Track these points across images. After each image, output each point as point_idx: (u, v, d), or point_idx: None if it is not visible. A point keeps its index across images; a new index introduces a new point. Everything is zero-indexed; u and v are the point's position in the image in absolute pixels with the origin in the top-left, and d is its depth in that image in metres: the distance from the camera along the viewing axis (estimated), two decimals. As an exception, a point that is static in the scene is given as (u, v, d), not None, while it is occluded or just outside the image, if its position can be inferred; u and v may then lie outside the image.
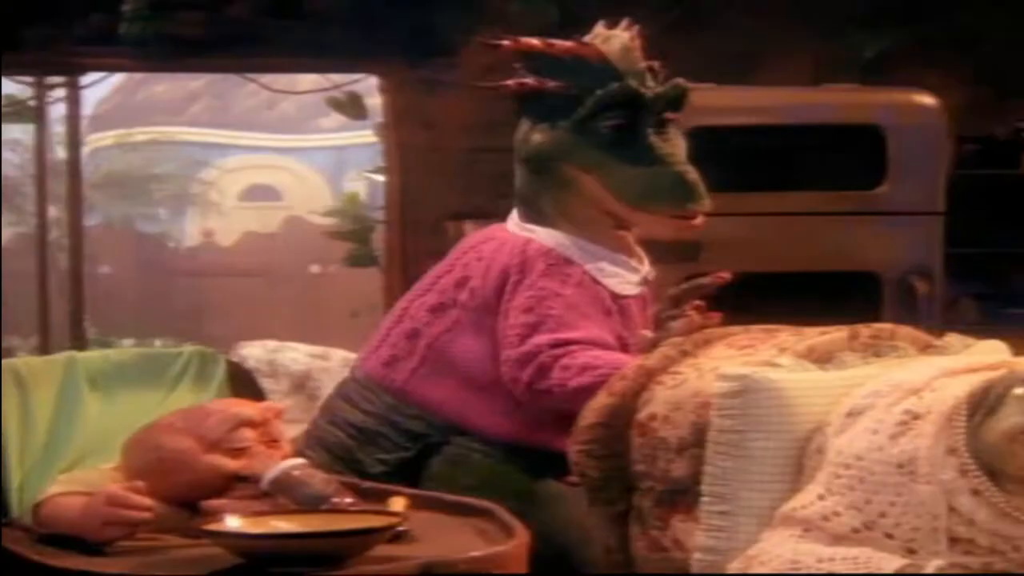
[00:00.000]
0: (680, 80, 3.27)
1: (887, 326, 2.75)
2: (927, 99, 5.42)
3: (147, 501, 2.51)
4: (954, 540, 2.26)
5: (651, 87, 3.21)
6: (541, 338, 3.03)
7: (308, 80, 8.32)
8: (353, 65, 6.67)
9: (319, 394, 5.07)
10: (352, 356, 3.88)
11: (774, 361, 2.60)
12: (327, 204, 9.59)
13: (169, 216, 13.14)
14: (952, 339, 2.74)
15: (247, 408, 2.75)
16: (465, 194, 6.02)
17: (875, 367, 2.59)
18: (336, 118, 8.74)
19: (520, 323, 3.07)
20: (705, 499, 2.52)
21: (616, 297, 3.18)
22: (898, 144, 5.33)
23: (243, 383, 3.09)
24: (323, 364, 5.79)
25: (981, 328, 2.93)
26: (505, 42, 3.23)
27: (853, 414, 2.42)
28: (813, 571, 2.27)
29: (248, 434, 2.67)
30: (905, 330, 2.75)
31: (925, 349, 2.71)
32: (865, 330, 2.70)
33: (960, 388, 2.34)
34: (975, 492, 2.26)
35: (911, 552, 2.26)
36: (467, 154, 5.98)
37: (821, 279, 5.15)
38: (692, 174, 3.24)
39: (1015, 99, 6.28)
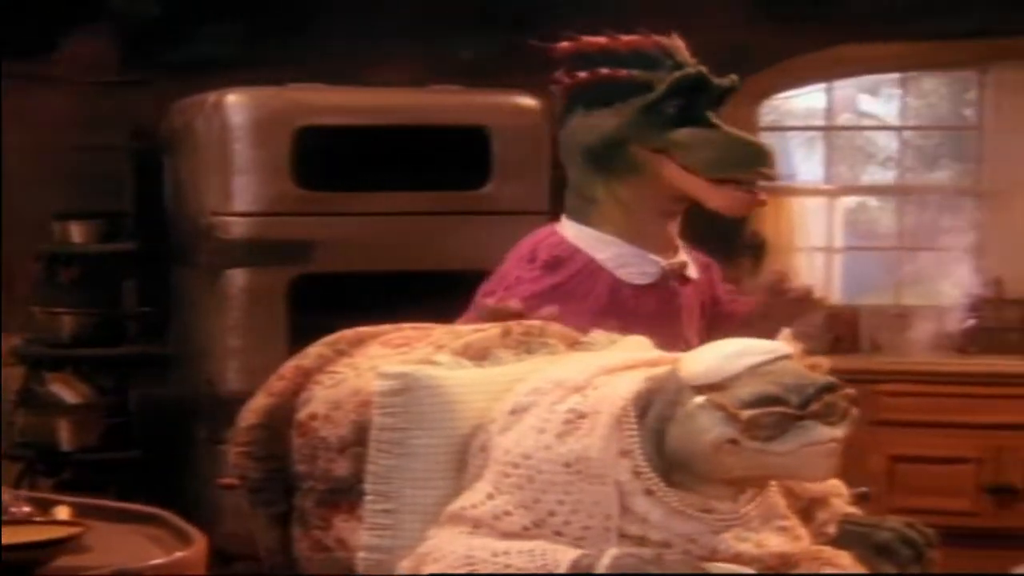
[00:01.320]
0: (735, 76, 3.39)
1: (537, 323, 2.80)
2: (529, 101, 5.53)
3: None
4: (624, 535, 2.33)
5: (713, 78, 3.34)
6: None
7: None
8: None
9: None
10: None
11: (432, 359, 2.62)
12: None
13: None
14: (597, 335, 2.82)
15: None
16: (69, 193, 5.82)
17: (529, 363, 2.64)
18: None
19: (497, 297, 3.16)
20: (368, 498, 2.51)
21: (624, 286, 3.24)
22: (502, 145, 5.42)
23: None
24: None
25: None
26: (566, 43, 3.34)
27: (516, 411, 2.45)
28: (489, 565, 2.29)
29: None
30: (554, 327, 2.81)
31: (573, 345, 2.77)
32: (517, 327, 2.75)
33: (624, 388, 2.40)
34: (648, 492, 2.33)
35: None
36: (71, 153, 5.78)
37: (431, 278, 5.19)
38: (760, 141, 3.39)
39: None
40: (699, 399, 2.29)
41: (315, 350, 2.74)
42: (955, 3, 6.53)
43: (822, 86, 7.18)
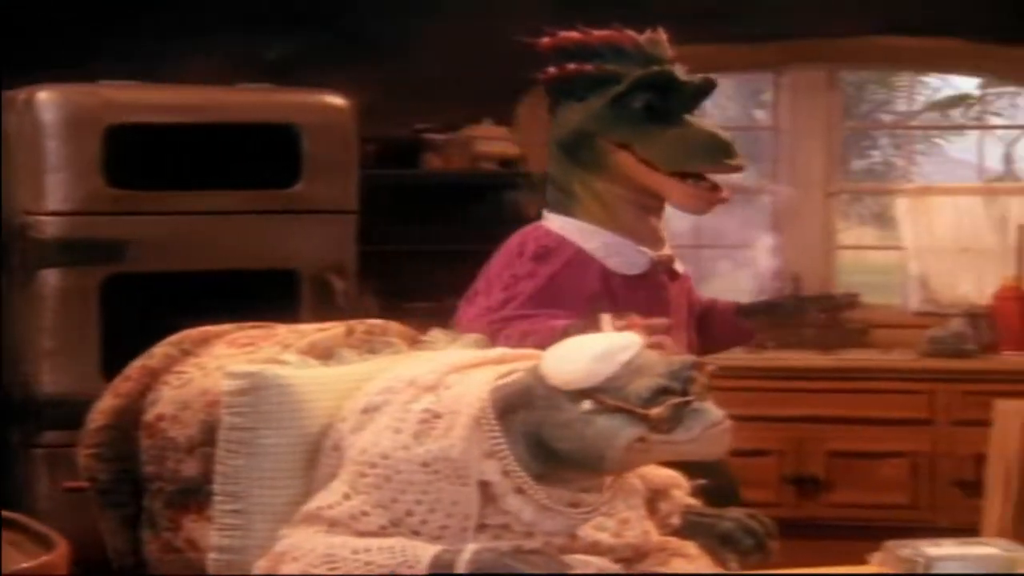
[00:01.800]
0: (710, 76, 3.43)
1: (379, 322, 2.81)
2: (337, 100, 5.52)
3: None
4: (486, 525, 2.35)
5: (682, 76, 3.36)
6: (508, 312, 3.12)
7: None
8: None
9: None
10: None
11: (279, 358, 2.61)
12: None
13: None
14: (437, 333, 2.83)
15: None
16: None
17: (375, 362, 2.65)
18: None
19: (495, 300, 3.19)
20: (217, 498, 2.50)
21: (613, 276, 3.25)
22: (312, 144, 5.40)
23: None
24: None
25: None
26: (545, 39, 3.43)
27: (369, 410, 2.46)
28: (350, 562, 2.29)
29: None
30: (395, 326, 2.82)
31: (414, 344, 2.79)
32: (360, 326, 2.76)
33: (478, 388, 2.42)
34: (519, 491, 2.35)
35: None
36: None
37: (244, 277, 5.16)
38: (724, 134, 3.33)
39: (413, 102, 6.50)
40: (587, 404, 2.31)
41: (161, 350, 2.71)
42: (750, 6, 6.68)
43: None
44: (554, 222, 3.35)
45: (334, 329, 2.72)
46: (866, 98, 8.79)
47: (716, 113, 7.45)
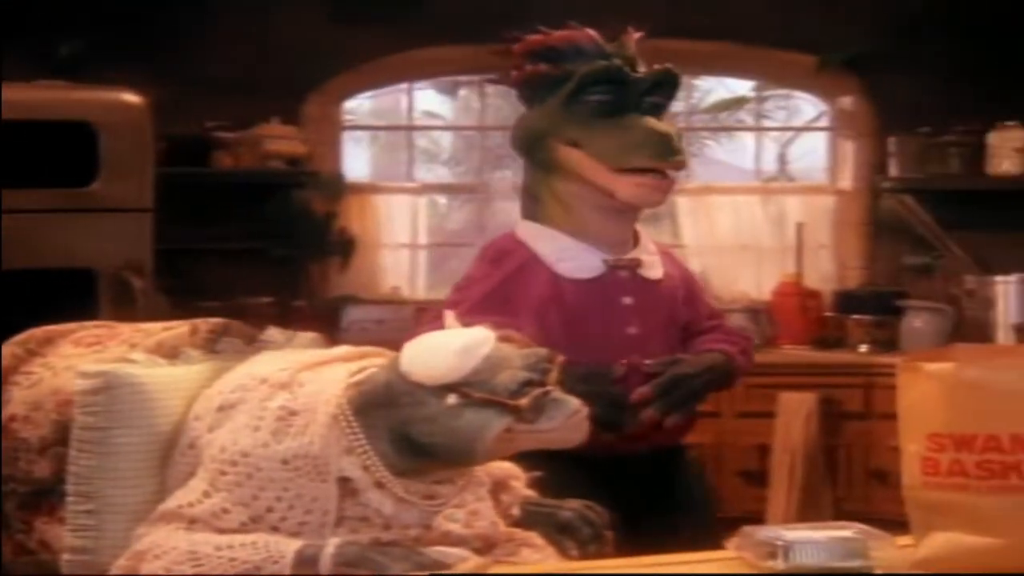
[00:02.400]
0: (669, 66, 3.34)
1: (221, 321, 2.82)
2: (133, 98, 5.50)
3: None
4: (342, 519, 2.40)
5: (640, 71, 3.29)
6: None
7: None
8: None
9: None
10: None
11: (129, 357, 2.61)
12: None
13: None
14: (273, 332, 2.85)
15: None
16: None
17: (220, 361, 2.66)
18: None
19: (448, 300, 3.13)
20: (70, 499, 2.48)
21: (563, 280, 3.19)
22: (108, 142, 5.37)
23: None
24: None
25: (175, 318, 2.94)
26: (517, 45, 3.35)
27: (224, 408, 2.47)
28: (214, 559, 2.31)
29: None
30: (235, 325, 2.83)
31: (252, 342, 2.81)
32: (203, 325, 2.76)
33: (333, 385, 2.46)
34: (379, 485, 2.40)
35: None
36: None
37: (42, 276, 5.10)
38: (667, 128, 3.23)
39: (203, 100, 6.48)
40: (452, 398, 2.36)
41: (7, 350, 2.68)
42: (531, 10, 6.78)
43: (402, 87, 7.36)
44: (520, 227, 3.33)
45: (179, 328, 2.73)
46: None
47: (491, 113, 7.57)
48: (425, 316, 3.33)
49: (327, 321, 6.25)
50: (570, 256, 3.22)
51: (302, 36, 6.73)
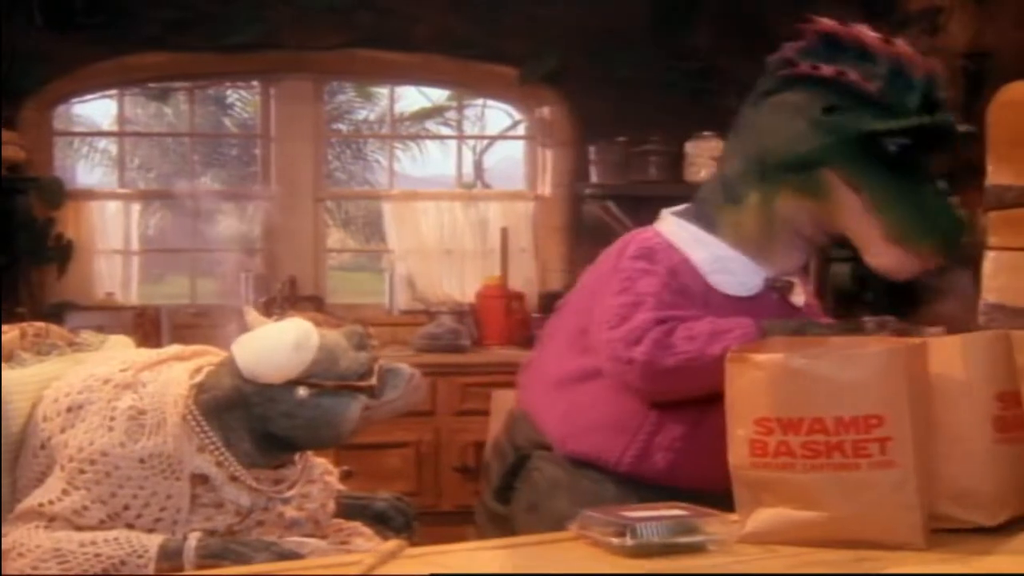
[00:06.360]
0: (971, 127, 2.92)
1: (42, 325, 2.88)
2: None
3: None
4: (196, 507, 2.50)
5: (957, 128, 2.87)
6: (645, 315, 2.71)
7: None
8: None
9: None
10: None
11: (-29, 361, 2.65)
12: None
13: None
14: (88, 335, 2.92)
15: None
16: None
17: (53, 364, 2.72)
18: None
19: (618, 304, 2.74)
20: (-76, 499, 2.51)
21: (714, 293, 2.86)
22: None
23: None
24: None
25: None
26: (821, 26, 2.82)
27: (73, 409, 2.54)
28: (79, 556, 2.38)
29: None
30: (55, 329, 2.89)
31: (72, 344, 2.87)
32: (30, 329, 2.83)
33: (176, 385, 2.57)
34: (233, 479, 2.51)
35: None
36: None
37: None
38: (962, 218, 2.84)
39: None
40: (302, 391, 2.50)
41: None
42: (241, 16, 6.86)
43: (114, 93, 7.33)
44: (667, 224, 2.94)
45: (10, 332, 2.77)
46: (350, 108, 9.14)
47: (214, 119, 7.60)
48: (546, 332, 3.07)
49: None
50: (729, 270, 2.88)
51: (16, 41, 6.63)
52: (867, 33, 2.79)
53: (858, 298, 2.97)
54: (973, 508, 2.27)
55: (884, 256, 2.80)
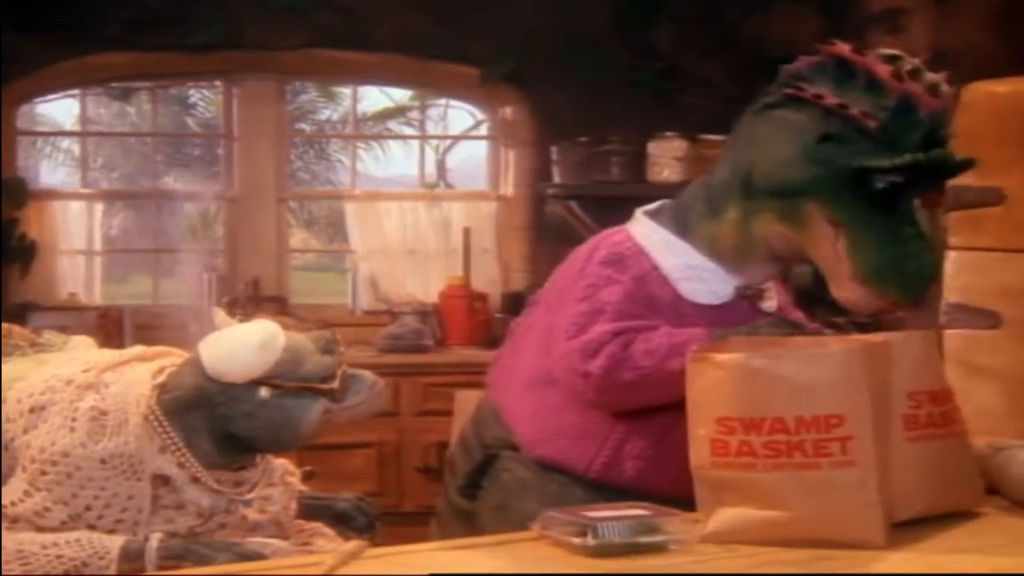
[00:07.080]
0: (970, 158, 2.77)
1: (5, 325, 2.87)
2: None
3: None
4: (158, 508, 2.50)
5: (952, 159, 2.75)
6: (603, 327, 2.68)
7: None
8: None
9: None
10: None
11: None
12: None
13: None
14: (51, 335, 2.92)
15: None
16: None
17: (15, 364, 2.71)
18: None
19: (577, 312, 2.71)
20: None
21: (684, 302, 2.79)
22: None
23: None
24: None
25: None
26: (836, 49, 2.71)
27: (36, 410, 2.54)
28: (41, 557, 2.38)
29: None
30: (16, 329, 2.89)
31: (35, 345, 2.87)
32: (-11, 330, 2.82)
33: (139, 386, 2.56)
34: (195, 480, 2.51)
35: None
36: None
37: None
38: (932, 267, 2.78)
39: None
40: (264, 392, 2.50)
41: None
42: (203, 16, 6.85)
43: (76, 93, 7.30)
44: (638, 226, 2.87)
45: (-30, 334, 2.77)
46: (313, 108, 9.13)
47: (176, 119, 7.58)
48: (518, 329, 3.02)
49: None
50: (700, 278, 2.82)
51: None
52: (879, 65, 2.69)
53: (819, 298, 2.93)
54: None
55: (849, 293, 2.73)
